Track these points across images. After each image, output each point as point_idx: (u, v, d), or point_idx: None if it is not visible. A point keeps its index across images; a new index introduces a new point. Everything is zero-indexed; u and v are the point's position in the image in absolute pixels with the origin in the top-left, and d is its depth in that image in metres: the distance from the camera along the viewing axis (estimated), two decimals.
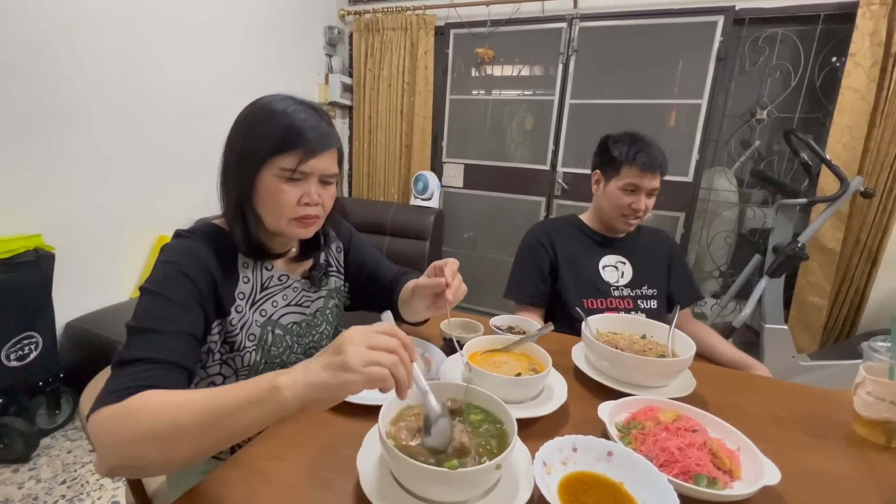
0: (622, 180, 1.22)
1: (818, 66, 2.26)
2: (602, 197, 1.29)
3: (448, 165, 3.10)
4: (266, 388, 0.48)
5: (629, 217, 1.24)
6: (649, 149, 1.20)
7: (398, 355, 0.49)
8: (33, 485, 1.50)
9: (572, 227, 1.35)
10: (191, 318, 0.65)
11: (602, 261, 1.29)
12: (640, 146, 1.21)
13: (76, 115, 1.76)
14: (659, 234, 1.40)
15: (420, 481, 0.50)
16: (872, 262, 2.15)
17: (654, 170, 1.20)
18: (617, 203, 1.24)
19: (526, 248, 1.33)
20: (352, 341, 0.48)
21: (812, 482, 0.62)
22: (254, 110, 0.72)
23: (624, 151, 1.21)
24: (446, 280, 0.76)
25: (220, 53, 2.33)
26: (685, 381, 0.83)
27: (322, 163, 0.71)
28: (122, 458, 0.50)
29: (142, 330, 0.60)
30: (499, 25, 2.75)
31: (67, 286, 1.76)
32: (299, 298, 0.83)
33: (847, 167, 2.06)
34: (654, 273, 1.30)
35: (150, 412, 0.50)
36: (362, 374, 0.46)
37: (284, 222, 0.72)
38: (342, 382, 0.47)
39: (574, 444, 0.58)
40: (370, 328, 0.50)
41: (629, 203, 1.22)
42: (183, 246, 0.69)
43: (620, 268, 1.29)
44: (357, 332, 0.49)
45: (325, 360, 0.48)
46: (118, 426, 0.50)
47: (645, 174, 1.19)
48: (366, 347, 0.47)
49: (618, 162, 1.22)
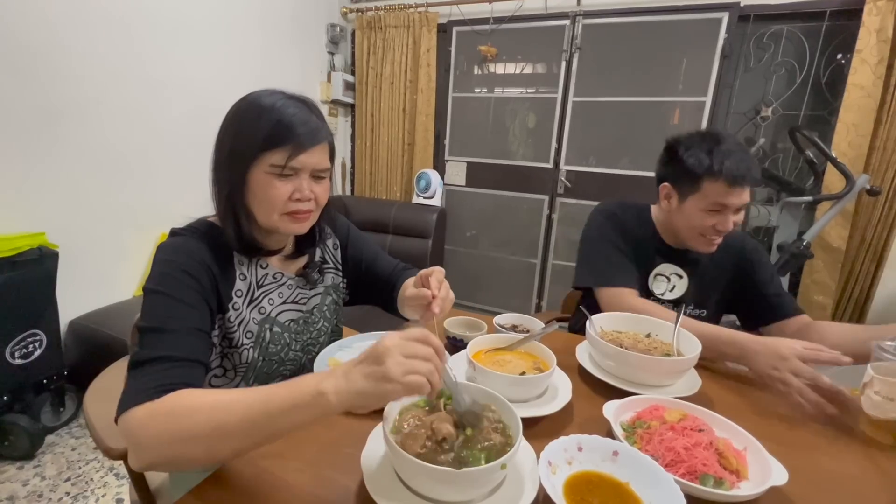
0: (705, 199, 0.99)
1: (824, 62, 2.24)
2: (676, 215, 1.07)
3: (450, 163, 3.10)
4: (311, 394, 0.49)
5: (712, 238, 1.03)
6: (736, 155, 0.96)
7: (433, 363, 0.50)
8: (38, 482, 1.51)
9: (640, 221, 1.16)
10: (198, 314, 0.65)
11: (656, 269, 1.14)
12: (725, 152, 0.96)
13: (80, 114, 1.76)
14: (732, 243, 1.13)
15: (425, 480, 0.50)
16: (878, 260, 2.13)
17: (745, 183, 0.96)
18: (697, 224, 1.02)
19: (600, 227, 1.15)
20: (389, 352, 0.48)
21: (819, 482, 0.62)
22: (242, 106, 0.71)
23: (704, 161, 0.98)
24: (432, 292, 0.75)
25: (223, 52, 2.33)
26: (690, 381, 0.83)
27: (313, 158, 0.70)
28: (161, 455, 0.51)
29: (154, 330, 0.60)
30: (501, 23, 2.74)
31: (71, 284, 1.76)
32: (295, 296, 0.83)
33: (853, 165, 2.04)
34: (710, 293, 1.14)
35: (193, 413, 0.51)
36: (402, 383, 0.48)
37: (276, 217, 0.71)
38: (384, 392, 0.48)
39: (579, 444, 0.58)
40: (405, 335, 0.51)
41: (713, 224, 1.00)
42: (178, 244, 0.69)
43: (673, 280, 1.13)
44: (394, 343, 0.49)
45: (365, 369, 0.49)
46: (159, 425, 0.51)
47: (734, 189, 0.96)
48: (403, 357, 0.49)
49: (695, 175, 0.99)
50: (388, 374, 0.47)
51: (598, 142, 2.69)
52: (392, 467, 0.54)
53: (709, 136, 1.01)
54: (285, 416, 0.49)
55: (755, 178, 0.98)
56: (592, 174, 2.69)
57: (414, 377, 0.48)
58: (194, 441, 0.50)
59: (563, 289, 1.55)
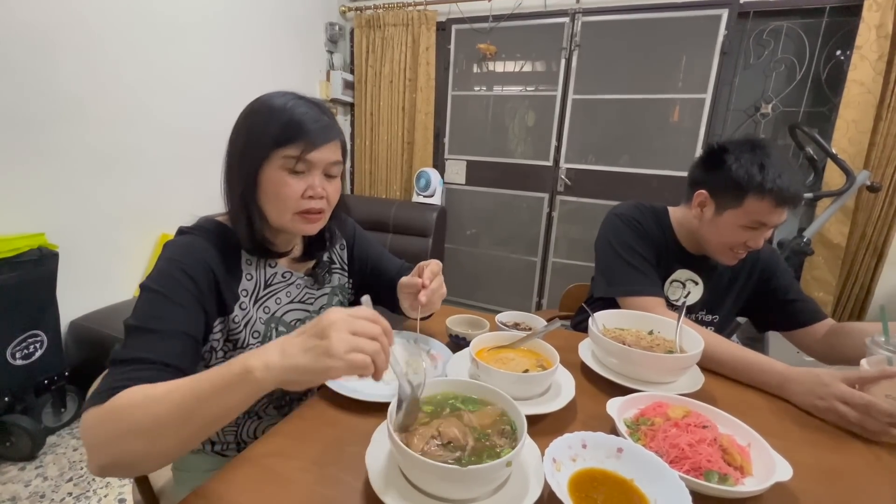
0: (746, 216, 0.93)
1: (823, 59, 2.24)
2: (708, 225, 1.01)
3: (450, 162, 3.09)
4: (238, 373, 0.48)
5: (739, 252, 0.99)
6: (787, 174, 0.90)
7: (379, 342, 0.49)
8: (40, 482, 1.50)
9: (657, 225, 1.11)
10: (189, 318, 0.64)
11: (673, 275, 1.10)
12: (777, 169, 0.90)
13: (79, 114, 1.75)
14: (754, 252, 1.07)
15: (430, 478, 0.50)
16: (878, 256, 2.14)
17: (792, 204, 0.91)
18: (729, 240, 0.97)
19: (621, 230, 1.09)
20: (335, 326, 0.47)
21: (823, 478, 0.62)
22: (255, 106, 0.72)
23: (756, 176, 0.90)
24: (422, 282, 0.76)
25: (222, 52, 2.32)
26: (694, 377, 0.83)
27: (325, 154, 0.71)
28: (108, 455, 0.51)
29: (139, 329, 0.60)
30: (501, 21, 2.74)
31: (72, 285, 1.76)
32: (303, 296, 0.83)
33: (853, 161, 2.04)
34: (725, 300, 1.11)
35: (130, 408, 0.50)
36: (345, 360, 0.46)
37: (289, 217, 0.71)
38: (324, 368, 0.47)
39: (584, 441, 0.58)
40: (352, 312, 0.50)
41: (745, 241, 0.95)
42: (185, 243, 0.69)
43: (689, 286, 1.10)
44: (340, 318, 0.48)
45: (306, 343, 0.48)
46: (102, 425, 0.51)
47: (780, 209, 0.91)
48: (349, 333, 0.47)
49: (742, 189, 0.92)
50: (330, 349, 0.46)
51: (597, 139, 2.69)
52: (397, 465, 0.54)
53: (759, 147, 0.94)
54: (216, 399, 0.49)
55: (801, 198, 0.93)
56: (592, 172, 2.68)
57: (358, 355, 0.47)
58: (134, 436, 0.49)
59: (564, 287, 1.55)
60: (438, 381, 0.62)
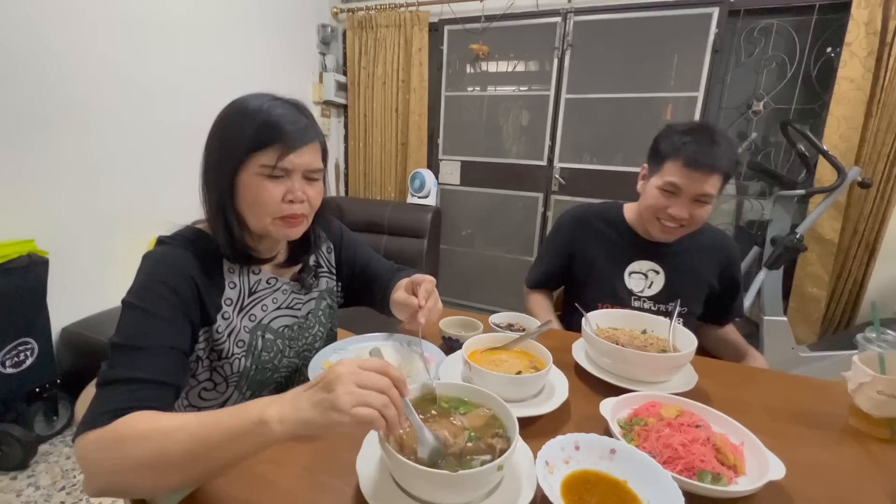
0: (662, 178, 1.01)
1: (814, 56, 2.25)
2: (641, 196, 1.10)
3: (444, 162, 3.09)
4: (254, 422, 0.47)
5: (666, 223, 1.03)
6: (704, 141, 0.96)
7: (389, 395, 0.47)
8: (32, 492, 1.49)
9: (608, 221, 1.18)
10: (175, 332, 0.63)
11: (631, 265, 1.14)
12: (694, 136, 0.97)
13: (68, 119, 1.73)
14: (717, 242, 1.15)
15: (421, 484, 0.49)
16: (870, 251, 2.15)
17: (703, 168, 0.95)
18: (652, 204, 1.04)
19: (551, 230, 1.26)
20: (341, 380, 0.46)
21: (816, 476, 0.62)
22: (230, 110, 0.70)
23: (671, 142, 1.00)
24: (419, 302, 0.76)
25: (213, 55, 2.31)
26: (687, 376, 0.83)
27: (303, 157, 0.69)
28: (110, 484, 0.50)
29: (125, 347, 0.59)
30: (493, 21, 2.74)
31: (62, 291, 1.74)
32: (290, 301, 0.82)
33: (844, 157, 2.05)
34: (691, 289, 1.12)
35: (136, 440, 0.50)
36: (351, 415, 0.44)
37: (269, 221, 0.70)
38: (330, 423, 0.45)
39: (577, 443, 0.58)
40: (360, 363, 0.48)
41: (665, 207, 1.01)
42: (164, 254, 0.67)
43: (651, 276, 1.12)
44: (347, 370, 0.47)
45: (314, 396, 0.47)
46: (105, 453, 0.50)
47: (690, 172, 0.96)
48: (356, 386, 0.46)
49: (662, 154, 1.02)
50: (336, 404, 0.44)
51: (591, 139, 2.69)
52: (388, 471, 0.53)
53: (696, 125, 1.01)
54: (227, 446, 0.47)
55: (719, 169, 0.95)
56: (586, 171, 2.68)
57: (365, 410, 0.45)
58: (139, 470, 0.49)
59: None
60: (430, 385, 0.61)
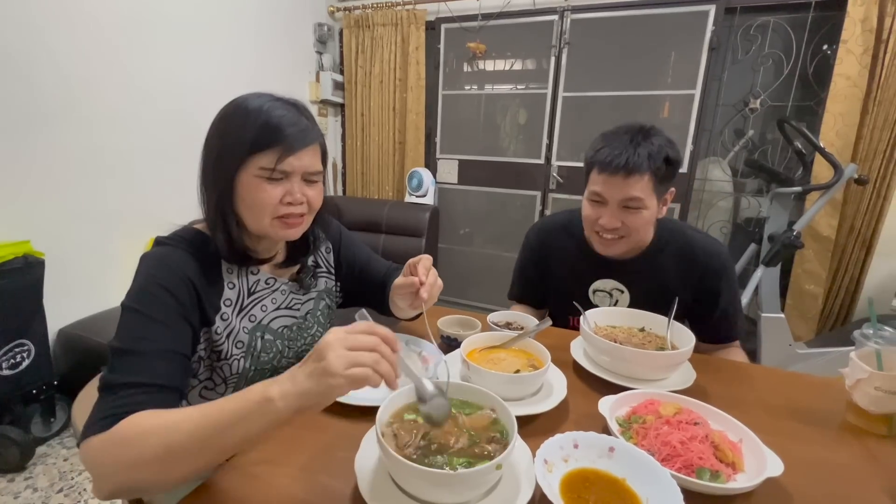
0: (588, 189, 0.98)
1: (810, 53, 2.26)
2: None
3: (442, 161, 3.09)
4: (257, 401, 0.48)
5: (603, 235, 0.97)
6: (619, 143, 0.90)
7: (379, 352, 0.49)
8: (30, 494, 1.48)
9: (571, 234, 1.12)
10: (175, 335, 0.63)
11: (594, 284, 1.08)
12: (608, 141, 0.92)
13: (64, 118, 1.72)
14: (689, 253, 1.02)
15: (420, 483, 0.49)
16: (867, 248, 2.16)
17: (619, 171, 0.88)
18: (586, 216, 0.99)
19: (521, 249, 1.24)
20: (331, 346, 0.48)
21: (814, 472, 0.62)
22: (230, 109, 0.70)
23: (591, 150, 0.96)
24: (419, 279, 0.75)
25: (210, 54, 2.30)
26: (685, 374, 0.83)
27: (303, 160, 0.68)
28: (119, 484, 0.50)
29: (125, 352, 0.59)
30: (490, 19, 2.73)
31: (59, 292, 1.73)
32: (289, 301, 0.81)
33: (840, 154, 2.06)
34: (659, 307, 0.95)
35: (140, 437, 0.50)
36: (345, 376, 0.46)
37: (267, 222, 0.69)
38: (327, 388, 0.47)
39: (575, 441, 0.58)
40: (348, 329, 0.50)
41: (596, 218, 0.96)
42: (162, 255, 0.67)
43: (616, 295, 1.06)
44: (335, 336, 0.49)
45: (308, 367, 0.48)
46: (111, 455, 0.50)
47: (607, 177, 0.91)
48: (345, 350, 0.48)
49: (587, 164, 0.99)
50: (329, 369, 0.46)
51: (589, 137, 2.59)
52: (386, 471, 0.53)
53: (618, 128, 0.95)
54: (235, 428, 0.49)
55: (639, 170, 0.87)
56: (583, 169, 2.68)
57: (357, 369, 0.47)
58: (147, 465, 0.49)
59: None
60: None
